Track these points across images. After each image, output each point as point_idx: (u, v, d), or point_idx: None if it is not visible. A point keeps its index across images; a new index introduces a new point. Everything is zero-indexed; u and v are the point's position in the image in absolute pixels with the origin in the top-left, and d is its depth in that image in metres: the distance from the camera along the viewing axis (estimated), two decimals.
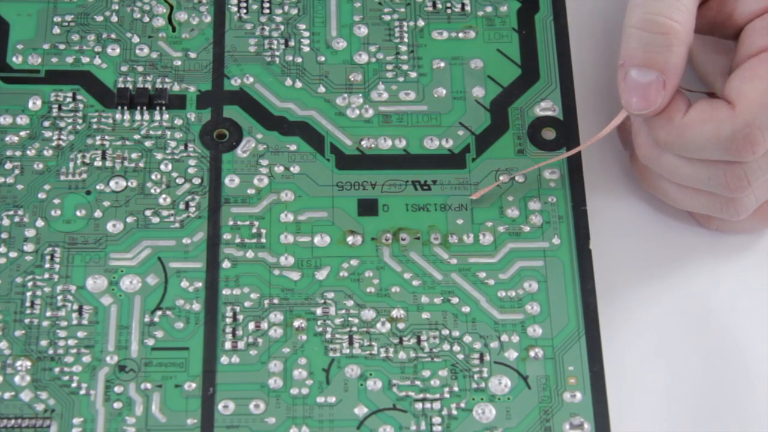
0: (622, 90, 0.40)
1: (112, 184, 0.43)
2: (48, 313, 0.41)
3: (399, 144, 0.44)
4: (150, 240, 0.42)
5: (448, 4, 0.47)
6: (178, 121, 0.44)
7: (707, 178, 0.41)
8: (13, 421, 0.39)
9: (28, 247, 0.42)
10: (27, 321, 0.41)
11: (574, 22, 0.47)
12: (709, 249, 0.44)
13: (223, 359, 0.41)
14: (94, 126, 0.44)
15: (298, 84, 0.45)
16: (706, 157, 0.40)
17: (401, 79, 0.45)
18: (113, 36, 0.45)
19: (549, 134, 0.45)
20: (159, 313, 0.41)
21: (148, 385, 0.40)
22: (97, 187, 0.43)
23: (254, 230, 0.43)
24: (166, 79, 0.45)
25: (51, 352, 0.40)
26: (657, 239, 0.44)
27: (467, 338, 0.41)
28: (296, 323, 0.41)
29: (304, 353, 0.41)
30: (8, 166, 0.43)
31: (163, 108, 0.44)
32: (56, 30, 0.45)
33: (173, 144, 0.44)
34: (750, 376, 0.42)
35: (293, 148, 0.44)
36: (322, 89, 0.45)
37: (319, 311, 0.41)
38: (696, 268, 0.44)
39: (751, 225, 0.44)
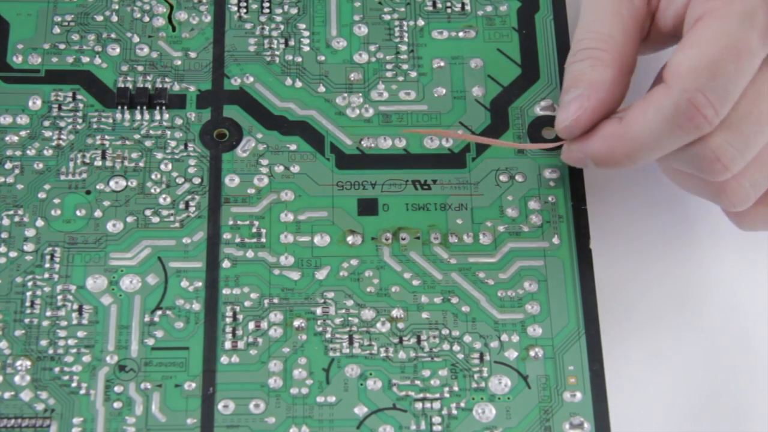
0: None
1: (112, 183, 0.43)
2: (48, 313, 0.41)
3: (399, 143, 0.44)
4: (150, 240, 0.42)
5: (448, 4, 0.47)
6: (178, 121, 0.44)
7: (687, 167, 0.40)
8: (13, 421, 0.39)
9: (28, 247, 0.42)
10: (27, 321, 0.41)
11: (573, 21, 0.47)
12: (710, 249, 0.44)
13: (223, 359, 0.41)
14: (94, 126, 0.44)
15: (298, 83, 0.45)
16: (666, 149, 0.39)
17: (401, 78, 0.45)
18: (113, 36, 0.45)
19: (549, 134, 0.45)
20: (159, 312, 0.41)
21: (148, 385, 0.40)
22: (97, 187, 0.43)
23: (254, 230, 0.43)
24: (166, 79, 0.45)
25: (51, 351, 0.40)
26: (657, 239, 0.44)
27: (467, 338, 0.41)
28: (296, 323, 0.41)
29: (304, 353, 0.41)
30: (8, 165, 0.43)
31: (163, 108, 0.44)
32: (56, 30, 0.45)
33: (173, 144, 0.44)
34: (751, 376, 0.42)
35: (293, 147, 0.44)
36: (322, 89, 0.45)
37: (319, 311, 0.41)
38: (697, 268, 0.44)
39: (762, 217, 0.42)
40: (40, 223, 0.42)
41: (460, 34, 0.46)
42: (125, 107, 0.44)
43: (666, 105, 0.38)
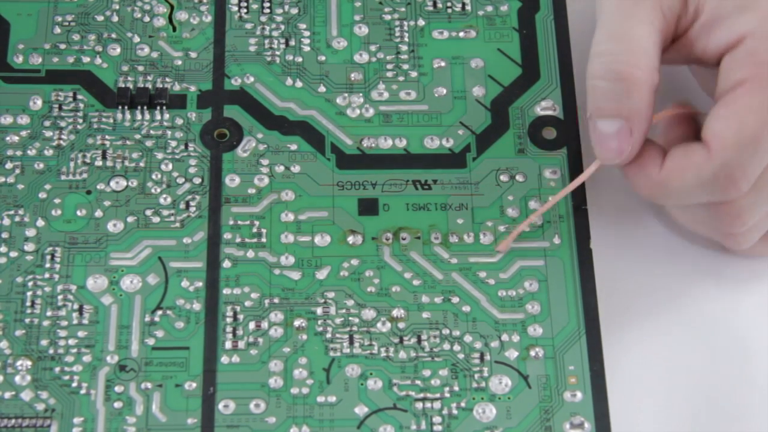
0: (592, 141, 0.40)
1: (112, 183, 0.43)
2: (48, 313, 0.41)
3: (399, 143, 0.44)
4: (150, 239, 0.42)
5: (449, 4, 0.47)
6: (178, 121, 0.44)
7: (702, 219, 0.41)
8: (13, 421, 0.39)
9: (29, 247, 0.42)
10: (27, 321, 0.41)
11: (574, 21, 0.47)
12: (710, 248, 0.44)
13: (224, 359, 0.41)
14: (95, 126, 0.44)
15: (299, 83, 0.45)
16: (694, 202, 0.40)
17: (402, 78, 0.45)
18: (114, 36, 0.45)
19: (549, 134, 0.45)
20: (159, 312, 0.41)
21: (149, 385, 0.40)
22: (98, 187, 0.43)
23: (255, 230, 0.43)
24: (167, 79, 0.45)
25: (51, 351, 0.40)
26: (657, 239, 0.44)
27: (468, 338, 0.41)
28: (296, 323, 0.41)
29: (305, 353, 0.41)
30: (9, 165, 0.43)
31: (164, 108, 0.44)
32: (57, 30, 0.45)
33: (174, 143, 0.44)
34: (750, 375, 0.42)
35: (294, 147, 0.44)
36: (322, 89, 0.45)
37: (319, 311, 0.41)
38: (697, 268, 0.44)
39: (761, 249, 0.43)
40: (40, 223, 0.42)
41: (461, 34, 0.46)
42: (126, 107, 0.44)
43: (706, 171, 0.39)
